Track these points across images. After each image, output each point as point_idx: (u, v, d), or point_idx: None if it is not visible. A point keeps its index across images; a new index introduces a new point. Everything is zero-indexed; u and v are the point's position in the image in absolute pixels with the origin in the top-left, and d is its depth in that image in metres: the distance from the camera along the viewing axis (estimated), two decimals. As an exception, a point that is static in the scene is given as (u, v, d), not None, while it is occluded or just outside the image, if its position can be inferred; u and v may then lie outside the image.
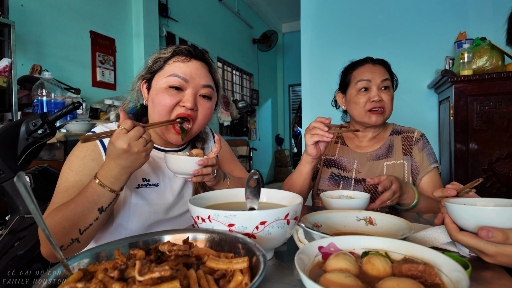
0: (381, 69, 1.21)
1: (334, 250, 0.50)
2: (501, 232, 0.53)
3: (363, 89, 1.20)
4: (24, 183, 0.40)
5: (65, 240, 0.70)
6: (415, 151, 1.22)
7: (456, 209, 0.59)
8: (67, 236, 0.70)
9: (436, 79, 2.18)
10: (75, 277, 0.41)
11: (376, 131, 1.28)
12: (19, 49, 2.37)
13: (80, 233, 0.71)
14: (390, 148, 1.25)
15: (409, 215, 0.98)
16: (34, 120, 1.09)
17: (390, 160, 1.22)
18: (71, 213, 0.71)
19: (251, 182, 0.65)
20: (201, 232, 0.54)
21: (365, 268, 0.45)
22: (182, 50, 0.92)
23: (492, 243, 0.54)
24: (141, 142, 0.70)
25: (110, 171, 0.71)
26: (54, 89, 2.08)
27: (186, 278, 0.40)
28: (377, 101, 1.17)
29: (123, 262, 0.42)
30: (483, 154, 1.94)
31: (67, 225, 0.70)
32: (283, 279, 0.53)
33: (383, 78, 1.19)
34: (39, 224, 0.42)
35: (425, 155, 1.21)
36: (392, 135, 1.27)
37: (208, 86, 0.92)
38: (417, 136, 1.24)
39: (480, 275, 0.54)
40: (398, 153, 1.23)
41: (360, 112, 1.21)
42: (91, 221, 0.71)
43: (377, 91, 1.18)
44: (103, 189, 0.71)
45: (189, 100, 0.88)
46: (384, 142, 1.26)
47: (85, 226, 0.71)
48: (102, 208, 0.71)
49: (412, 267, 0.42)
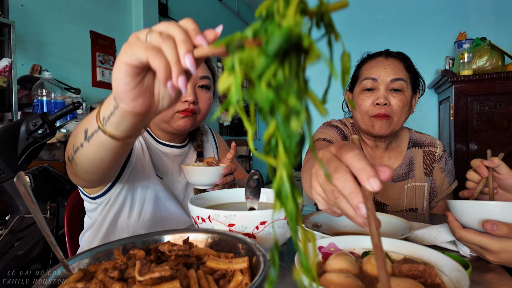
0: (395, 65, 0.98)
1: (334, 250, 0.50)
2: (505, 225, 0.53)
3: (368, 89, 0.99)
4: (24, 183, 0.39)
5: (68, 152, 0.64)
6: (436, 170, 1.07)
7: (459, 205, 0.59)
8: (69, 150, 0.64)
9: (436, 79, 2.18)
10: (75, 277, 0.41)
11: (388, 139, 1.07)
12: (19, 49, 2.37)
13: (74, 151, 0.63)
14: (411, 166, 1.07)
15: (409, 214, 0.98)
16: (34, 120, 1.09)
17: (411, 182, 1.06)
18: (81, 122, 0.63)
19: (251, 182, 0.65)
20: (201, 232, 0.54)
21: (365, 268, 0.45)
22: None
23: (496, 239, 0.54)
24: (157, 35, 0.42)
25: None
26: (54, 89, 2.08)
27: (186, 278, 0.40)
28: (382, 104, 0.96)
29: (123, 262, 0.42)
30: (483, 154, 1.93)
31: (71, 140, 0.64)
32: (283, 279, 0.53)
33: (394, 77, 0.96)
34: (39, 224, 0.42)
35: (445, 175, 1.08)
36: (411, 147, 1.09)
37: (205, 77, 0.94)
38: (439, 152, 1.08)
39: (480, 275, 0.54)
40: (419, 173, 1.07)
41: (362, 117, 1.00)
42: (78, 145, 0.61)
43: (385, 93, 0.96)
44: (96, 111, 0.60)
45: (189, 94, 0.89)
46: (404, 159, 1.08)
47: (75, 146, 0.62)
48: (86, 133, 0.58)
49: (412, 267, 0.42)
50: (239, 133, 5.86)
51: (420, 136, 1.12)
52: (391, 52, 1.03)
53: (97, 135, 0.53)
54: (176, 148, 1.00)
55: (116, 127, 0.50)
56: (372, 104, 0.97)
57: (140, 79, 0.42)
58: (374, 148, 1.09)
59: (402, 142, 1.11)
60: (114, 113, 0.48)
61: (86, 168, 0.62)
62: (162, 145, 0.98)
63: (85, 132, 0.56)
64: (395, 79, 0.96)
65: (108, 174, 0.66)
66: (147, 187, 0.90)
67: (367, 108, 0.98)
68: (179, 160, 1.01)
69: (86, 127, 0.56)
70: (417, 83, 1.04)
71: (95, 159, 0.58)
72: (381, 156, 1.09)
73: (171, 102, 0.46)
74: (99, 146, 0.55)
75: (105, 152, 0.56)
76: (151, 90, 0.44)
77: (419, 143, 1.10)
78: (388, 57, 1.01)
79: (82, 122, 0.59)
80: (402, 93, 0.97)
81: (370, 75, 0.98)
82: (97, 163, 0.59)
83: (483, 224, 0.54)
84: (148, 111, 0.45)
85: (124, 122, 0.48)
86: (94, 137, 0.54)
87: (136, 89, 0.42)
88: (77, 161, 0.61)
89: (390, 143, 1.09)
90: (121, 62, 0.40)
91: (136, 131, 0.52)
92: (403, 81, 0.97)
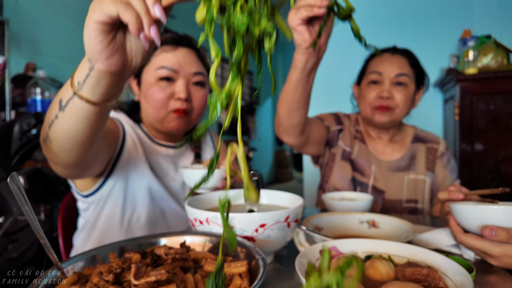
0: (400, 61, 1.07)
1: (336, 253, 0.49)
2: (504, 231, 0.52)
3: (374, 82, 1.07)
4: (17, 184, 0.39)
5: (43, 131, 0.61)
6: (438, 167, 1.11)
7: (460, 210, 0.58)
8: (44, 128, 0.61)
9: (441, 77, 2.17)
10: (70, 280, 0.40)
11: (391, 132, 1.15)
12: (13, 47, 2.33)
13: (48, 127, 0.59)
14: (412, 159, 1.13)
15: (411, 217, 0.97)
16: (27, 119, 1.08)
17: (412, 174, 1.11)
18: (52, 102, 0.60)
19: (251, 184, 0.64)
20: (199, 235, 0.54)
21: (368, 272, 0.44)
22: (167, 39, 0.90)
23: (497, 243, 0.54)
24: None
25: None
26: (49, 88, 2.06)
27: (183, 282, 0.39)
28: (385, 97, 1.04)
29: (118, 265, 0.42)
30: (488, 154, 1.91)
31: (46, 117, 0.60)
32: (283, 283, 0.52)
33: (398, 72, 1.04)
34: (33, 226, 0.41)
35: (447, 172, 1.11)
36: (415, 142, 1.15)
37: (199, 73, 0.91)
38: (442, 149, 1.13)
39: (484, 279, 0.53)
40: (420, 167, 1.12)
41: (365, 107, 1.10)
42: (52, 118, 0.58)
43: (389, 86, 1.05)
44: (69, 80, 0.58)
45: (182, 91, 0.87)
46: (406, 151, 1.14)
47: (49, 121, 0.59)
48: (61, 103, 0.55)
49: (415, 271, 0.42)
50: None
51: (424, 133, 1.18)
52: (397, 49, 1.11)
53: (72, 102, 0.52)
54: (171, 148, 0.99)
55: (92, 90, 0.49)
56: (376, 96, 1.06)
57: (112, 36, 0.43)
58: (378, 140, 1.16)
59: (406, 137, 1.16)
60: (90, 75, 0.48)
61: (61, 143, 0.58)
62: (158, 145, 0.97)
63: (60, 102, 0.54)
64: (400, 74, 1.05)
65: (85, 153, 0.62)
66: (140, 184, 0.89)
67: (371, 100, 1.07)
68: (174, 159, 1.00)
69: (61, 97, 0.54)
70: (421, 80, 1.11)
71: (70, 130, 0.55)
72: (384, 147, 1.15)
73: (144, 57, 0.48)
74: (75, 114, 0.53)
75: (81, 121, 0.54)
76: (123, 47, 0.46)
77: (423, 139, 1.15)
78: (394, 54, 1.09)
79: (57, 94, 0.56)
80: (405, 87, 1.05)
81: (376, 69, 1.07)
82: (72, 134, 0.56)
83: (482, 230, 0.54)
84: (123, 69, 0.47)
85: (100, 83, 0.48)
86: (70, 105, 0.52)
87: (110, 47, 0.43)
88: (52, 137, 0.58)
89: (394, 136, 1.16)
90: (92, 21, 0.41)
91: (113, 94, 0.52)
92: (406, 76, 1.05)
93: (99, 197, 0.86)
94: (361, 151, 1.16)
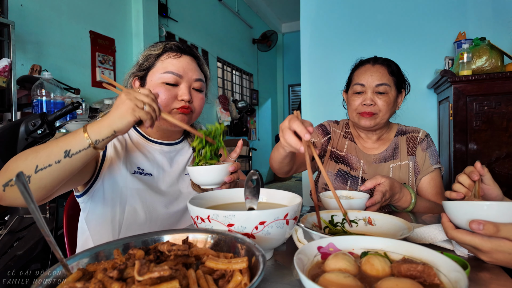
0: (380, 72, 1.18)
1: (333, 250, 0.50)
2: (491, 224, 0.53)
3: (358, 92, 1.20)
4: (23, 183, 0.39)
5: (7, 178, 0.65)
6: (418, 151, 1.22)
7: (450, 206, 0.60)
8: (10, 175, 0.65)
9: (436, 79, 2.18)
10: (74, 276, 0.41)
11: (378, 133, 1.27)
12: (19, 49, 2.36)
13: (35, 171, 0.64)
14: (396, 149, 1.25)
15: (406, 216, 0.98)
16: (33, 120, 1.09)
17: (396, 162, 1.22)
18: (39, 148, 0.66)
19: (250, 183, 0.65)
20: (200, 232, 0.54)
21: (364, 268, 0.45)
22: (172, 46, 0.97)
23: (487, 238, 0.54)
24: (144, 97, 0.73)
25: (100, 121, 0.70)
26: (54, 89, 2.07)
27: (185, 278, 0.40)
28: (368, 105, 1.17)
29: (122, 262, 0.42)
30: (482, 154, 1.94)
31: (28, 158, 0.65)
32: (282, 279, 0.53)
33: (378, 83, 1.16)
34: (39, 224, 0.42)
35: (427, 155, 1.21)
36: (397, 136, 1.27)
37: (199, 80, 0.98)
38: (421, 136, 1.24)
39: (479, 276, 0.54)
40: (403, 154, 1.23)
41: (352, 113, 1.23)
42: (51, 161, 0.64)
43: (372, 95, 1.17)
44: (81, 133, 0.68)
45: (185, 94, 0.93)
46: (390, 144, 1.26)
47: (43, 164, 0.64)
48: (68, 152, 0.64)
49: (411, 267, 0.42)
50: (239, 133, 5.85)
51: (406, 127, 1.30)
52: (378, 59, 1.23)
53: (85, 151, 0.68)
54: (166, 146, 1.01)
55: (104, 144, 0.70)
56: (361, 104, 1.19)
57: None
58: (366, 139, 1.29)
59: (391, 134, 1.29)
60: (110, 137, 0.69)
61: (46, 184, 0.67)
62: (153, 143, 0.99)
63: (66, 152, 0.66)
64: (380, 84, 1.17)
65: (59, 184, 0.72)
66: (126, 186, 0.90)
67: (356, 107, 1.21)
68: (171, 155, 1.02)
69: (68, 148, 0.66)
70: (402, 84, 1.24)
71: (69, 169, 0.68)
72: (372, 145, 1.29)
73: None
74: (81, 159, 0.69)
75: (81, 163, 0.70)
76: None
77: (404, 132, 1.28)
78: (374, 64, 1.21)
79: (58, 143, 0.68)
80: (386, 95, 1.17)
81: (359, 81, 1.20)
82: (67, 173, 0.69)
83: (469, 224, 0.55)
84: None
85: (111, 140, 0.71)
86: (82, 153, 0.68)
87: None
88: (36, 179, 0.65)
89: (382, 135, 1.28)
90: (127, 121, 0.70)
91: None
92: (386, 85, 1.17)
93: (89, 197, 0.88)
94: (351, 148, 1.29)
